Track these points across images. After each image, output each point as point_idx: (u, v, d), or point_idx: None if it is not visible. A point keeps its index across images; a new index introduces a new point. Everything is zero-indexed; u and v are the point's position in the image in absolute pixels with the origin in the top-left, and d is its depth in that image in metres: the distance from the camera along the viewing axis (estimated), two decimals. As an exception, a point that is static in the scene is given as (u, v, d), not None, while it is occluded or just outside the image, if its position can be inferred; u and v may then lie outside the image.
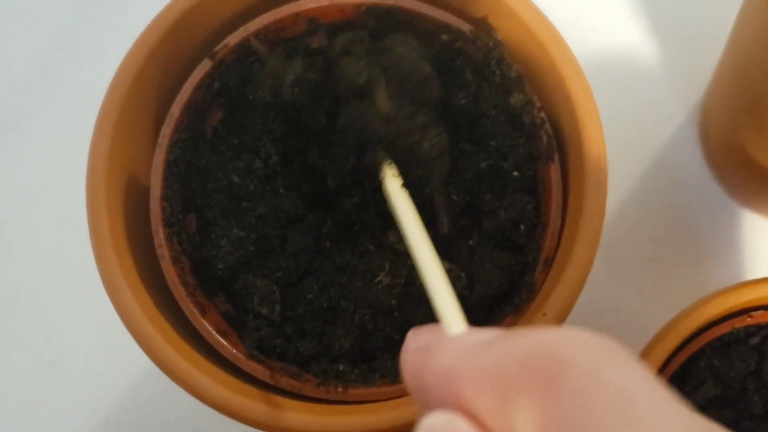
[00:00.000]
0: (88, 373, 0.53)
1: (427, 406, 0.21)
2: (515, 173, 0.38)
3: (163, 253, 0.36)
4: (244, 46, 0.38)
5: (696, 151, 0.54)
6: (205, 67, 0.38)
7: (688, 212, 0.53)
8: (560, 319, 0.33)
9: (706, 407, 0.39)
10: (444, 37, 0.38)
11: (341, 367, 0.36)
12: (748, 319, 0.39)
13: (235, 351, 0.36)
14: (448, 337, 0.23)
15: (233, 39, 0.38)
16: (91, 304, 0.52)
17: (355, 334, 0.36)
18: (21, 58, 0.57)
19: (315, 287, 0.37)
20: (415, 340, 0.24)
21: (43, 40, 0.58)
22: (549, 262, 0.36)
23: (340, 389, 0.35)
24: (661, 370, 0.38)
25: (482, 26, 0.38)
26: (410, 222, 0.30)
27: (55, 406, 0.52)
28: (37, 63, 0.57)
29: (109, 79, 0.37)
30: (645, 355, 0.37)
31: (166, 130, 0.37)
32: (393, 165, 0.34)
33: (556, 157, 0.37)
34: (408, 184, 0.36)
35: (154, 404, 0.52)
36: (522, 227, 0.37)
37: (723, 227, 0.53)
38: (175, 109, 0.37)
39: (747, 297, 0.39)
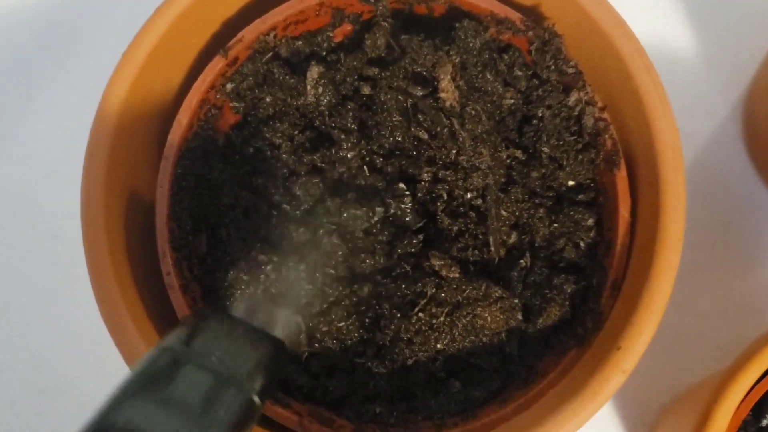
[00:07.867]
0: (82, 400, 0.49)
1: None
2: (571, 183, 0.33)
3: (172, 282, 0.31)
4: (260, 41, 0.33)
5: (739, 151, 0.51)
6: (216, 65, 0.33)
7: (730, 217, 0.50)
8: (637, 354, 0.29)
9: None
10: (491, 28, 0.33)
11: (378, 409, 0.32)
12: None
13: (256, 394, 0.31)
14: None
15: (249, 33, 0.33)
16: (83, 327, 0.49)
17: (392, 368, 0.32)
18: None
19: (345, 315, 0.32)
20: None
21: (25, 35, 0.53)
22: (617, 287, 0.31)
23: (380, 437, 0.31)
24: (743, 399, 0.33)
25: (534, 15, 0.34)
26: None
27: (47, 435, 0.48)
28: (17, 61, 0.53)
29: (99, 77, 0.33)
30: (728, 379, 0.33)
31: (173, 139, 0.32)
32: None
33: (623, 165, 0.32)
34: (458, 196, 0.31)
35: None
36: (582, 245, 0.33)
37: (770, 233, 0.49)
38: (183, 115, 0.32)
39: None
